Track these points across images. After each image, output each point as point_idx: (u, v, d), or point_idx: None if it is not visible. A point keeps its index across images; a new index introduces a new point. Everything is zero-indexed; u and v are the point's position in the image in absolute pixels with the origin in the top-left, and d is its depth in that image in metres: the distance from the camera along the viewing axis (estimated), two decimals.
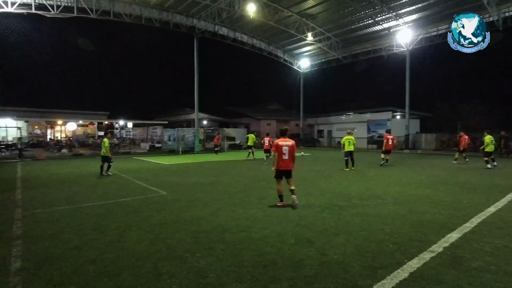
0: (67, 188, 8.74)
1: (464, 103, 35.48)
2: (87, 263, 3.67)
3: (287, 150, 6.28)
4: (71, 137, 29.60)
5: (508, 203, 6.56)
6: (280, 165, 6.30)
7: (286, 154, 6.28)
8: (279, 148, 6.28)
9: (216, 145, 23.36)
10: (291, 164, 6.38)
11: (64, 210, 6.23)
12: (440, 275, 3.26)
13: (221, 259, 3.75)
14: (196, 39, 26.92)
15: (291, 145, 6.35)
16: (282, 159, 6.29)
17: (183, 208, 6.30)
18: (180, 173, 12.04)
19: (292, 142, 6.44)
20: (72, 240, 4.43)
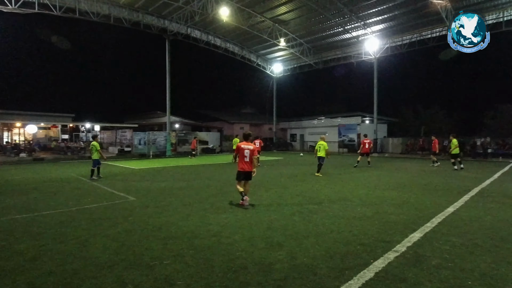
0: (25, 195, 8.17)
1: (426, 109, 37.67)
2: (45, 275, 3.43)
3: (248, 153, 6.66)
4: (31, 140, 27.79)
5: (464, 203, 6.99)
6: (241, 167, 6.69)
7: (247, 157, 6.67)
8: (241, 150, 6.69)
9: (193, 149, 23.29)
10: (251, 167, 6.70)
11: (21, 218, 5.81)
12: (403, 273, 3.39)
13: (190, 265, 3.66)
14: (167, 41, 26.44)
15: (251, 149, 6.72)
16: (243, 161, 6.68)
17: (152, 214, 6.10)
18: (150, 178, 11.68)
19: (254, 146, 6.81)
20: (28, 251, 4.13)
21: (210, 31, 28.93)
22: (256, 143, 16.40)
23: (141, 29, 24.76)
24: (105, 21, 22.81)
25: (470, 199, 7.51)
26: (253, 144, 6.88)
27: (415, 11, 22.58)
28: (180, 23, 25.34)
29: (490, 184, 9.90)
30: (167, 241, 4.51)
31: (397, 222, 5.44)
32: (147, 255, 3.97)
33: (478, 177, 11.69)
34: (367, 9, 23.31)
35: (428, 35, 25.00)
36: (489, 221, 5.50)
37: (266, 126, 41.45)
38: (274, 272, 3.47)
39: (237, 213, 6.08)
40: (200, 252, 4.08)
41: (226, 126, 38.70)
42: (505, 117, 31.31)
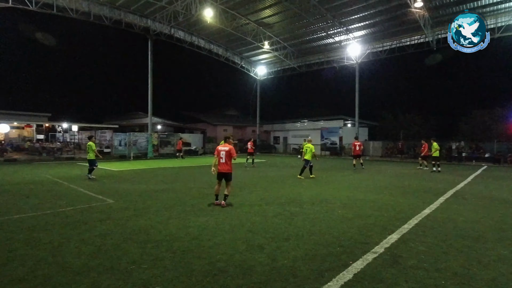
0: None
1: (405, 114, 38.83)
2: (14, 282, 3.27)
3: (224, 154, 6.97)
4: (2, 140, 26.56)
5: (440, 205, 7.24)
6: (218, 168, 7.03)
7: (223, 158, 6.97)
8: (218, 152, 7.05)
9: (179, 150, 23.50)
10: (227, 167, 6.99)
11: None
12: (381, 274, 3.46)
13: (169, 269, 3.59)
14: (150, 40, 26.00)
15: (227, 150, 7.02)
16: (220, 162, 7.01)
17: (131, 217, 5.95)
18: (130, 180, 11.41)
19: (229, 147, 7.09)
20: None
21: (194, 32, 28.71)
22: (248, 145, 17.75)
23: (122, 28, 24.22)
24: (85, 19, 22.16)
25: (445, 201, 7.78)
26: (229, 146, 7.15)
27: (395, 19, 23.30)
28: (163, 23, 24.98)
29: (464, 187, 10.30)
30: (145, 244, 4.40)
31: (376, 224, 5.55)
32: (125, 260, 3.86)
33: (453, 179, 12.14)
34: (349, 15, 23.84)
35: (407, 42, 25.84)
36: (462, 222, 5.71)
37: (250, 128, 41.51)
38: (255, 274, 3.46)
39: (218, 216, 6.03)
40: (179, 255, 4.01)
41: (209, 128, 38.45)
42: (478, 122, 32.71)
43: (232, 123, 42.49)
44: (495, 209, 6.85)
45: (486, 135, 29.43)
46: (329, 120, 34.46)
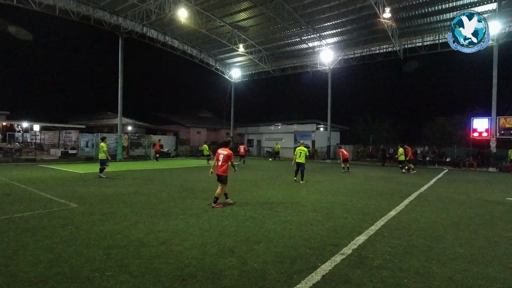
0: None
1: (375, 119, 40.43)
2: None
3: (222, 157, 7.26)
4: None
5: (405, 207, 7.57)
6: (217, 170, 7.32)
7: (220, 161, 7.27)
8: (217, 155, 7.35)
9: (157, 152, 23.38)
10: (223, 170, 7.26)
11: None
12: (348, 275, 3.54)
13: (135, 276, 3.45)
14: (121, 38, 25.17)
15: (225, 154, 7.30)
16: (218, 165, 7.30)
17: (96, 222, 5.67)
18: (96, 183, 10.90)
19: (228, 152, 7.35)
20: None
21: (167, 31, 28.17)
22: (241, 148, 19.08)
23: (91, 24, 23.23)
24: (49, 12, 21.00)
25: (410, 203, 8.16)
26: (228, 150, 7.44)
27: (365, 28, 24.27)
28: (135, 21, 24.30)
29: (427, 189, 10.87)
30: (110, 250, 4.21)
31: (344, 226, 5.70)
32: (87, 267, 3.66)
33: (418, 182, 12.78)
34: (322, 22, 24.50)
35: (376, 51, 26.98)
36: (424, 223, 6.01)
37: (224, 131, 41.26)
38: (224, 279, 3.41)
39: (188, 220, 5.91)
40: (147, 261, 3.87)
41: (182, 130, 37.77)
42: (440, 128, 34.74)
43: (206, 125, 42.04)
44: (454, 210, 7.28)
45: (447, 140, 31.32)
46: (302, 124, 35.09)
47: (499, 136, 21.73)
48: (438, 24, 23.00)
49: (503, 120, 21.77)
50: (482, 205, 8.07)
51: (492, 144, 21.94)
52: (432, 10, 21.15)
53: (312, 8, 22.44)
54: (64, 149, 25.58)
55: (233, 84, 36.43)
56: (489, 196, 9.52)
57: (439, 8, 20.79)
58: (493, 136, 21.79)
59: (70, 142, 27.39)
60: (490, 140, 22.03)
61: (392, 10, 20.22)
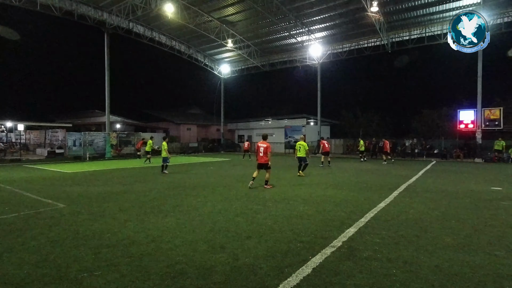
0: None
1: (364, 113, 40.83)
2: None
3: (262, 149, 9.18)
4: None
5: (394, 199, 7.69)
6: (258, 159, 9.32)
7: (261, 152, 9.18)
8: (257, 148, 9.32)
9: (139, 150, 22.68)
10: (265, 159, 9.17)
11: None
12: (338, 267, 3.58)
13: (124, 275, 3.41)
14: (106, 34, 24.66)
15: (265, 147, 9.21)
16: (259, 156, 9.25)
17: (84, 221, 5.58)
18: (84, 182, 10.72)
19: (267, 144, 9.27)
20: None
21: (154, 27, 27.71)
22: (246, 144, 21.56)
23: (75, 20, 22.66)
24: (30, 8, 20.38)
25: (399, 194, 8.29)
26: (267, 143, 9.32)
27: (353, 22, 24.37)
28: (121, 16, 23.79)
29: (415, 181, 11.06)
30: (99, 250, 4.15)
31: (335, 219, 5.75)
32: (75, 267, 3.59)
33: (406, 174, 12.98)
34: (310, 17, 24.49)
35: (364, 45, 27.15)
36: (412, 214, 6.11)
37: (214, 127, 41.07)
38: (215, 274, 3.40)
39: (179, 217, 5.86)
40: (136, 259, 3.83)
41: (172, 126, 37.44)
42: (428, 121, 35.34)
43: (196, 122, 41.75)
44: (441, 201, 7.42)
45: (435, 132, 31.90)
46: (293, 119, 35.19)
47: (484, 127, 22.24)
48: (424, 18, 23.26)
49: (488, 111, 22.27)
50: (468, 195, 8.25)
51: (477, 136, 22.45)
52: (418, 4, 21.36)
53: (300, 2, 22.39)
54: (50, 148, 25.08)
55: (223, 79, 36.19)
56: (475, 186, 9.75)
57: (425, 2, 21.00)
58: (479, 128, 22.29)
59: (57, 141, 26.85)
60: (476, 131, 22.53)
61: (379, 4, 20.35)
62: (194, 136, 39.54)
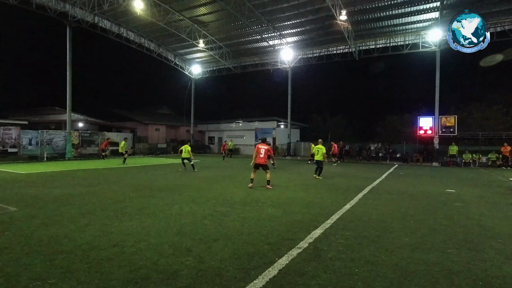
0: None
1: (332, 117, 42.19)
2: None
3: (263, 151, 9.65)
4: None
5: (359, 200, 7.98)
6: (258, 160, 9.68)
7: (262, 154, 9.64)
8: (258, 149, 9.73)
9: (104, 150, 21.57)
10: (264, 160, 9.70)
11: None
12: (303, 268, 3.63)
13: (82, 282, 3.21)
14: (69, 27, 23.34)
15: (266, 148, 9.74)
16: (259, 157, 9.66)
17: (39, 226, 5.20)
18: (41, 184, 10.03)
19: (268, 147, 9.83)
20: None
21: (122, 23, 26.69)
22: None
23: (33, 10, 21.21)
24: None
25: (363, 196, 8.62)
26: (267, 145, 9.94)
27: (323, 29, 25.12)
28: (85, 9, 22.65)
29: (379, 183, 11.57)
30: (55, 256, 3.88)
31: (302, 220, 5.84)
32: (26, 275, 3.33)
33: (371, 177, 13.56)
34: (282, 21, 24.88)
35: (334, 51, 28.06)
36: (375, 215, 6.38)
37: (184, 128, 40.33)
38: (180, 278, 3.31)
39: (144, 220, 5.66)
40: (96, 265, 3.63)
41: (140, 126, 36.21)
42: (391, 126, 37.26)
43: (165, 122, 40.74)
44: (401, 202, 7.83)
45: (397, 137, 33.69)
46: (263, 121, 35.45)
47: (441, 133, 23.86)
48: (389, 29, 24.53)
49: (444, 119, 23.96)
50: (426, 196, 8.78)
51: (435, 141, 24.04)
52: (383, 15, 22.50)
53: (272, 6, 22.68)
54: (2, 147, 23.17)
55: (194, 80, 35.66)
56: (432, 188, 10.40)
57: (390, 14, 22.17)
58: (436, 134, 23.87)
59: (10, 140, 24.88)
60: (434, 137, 24.11)
61: (348, 13, 21.15)
62: (163, 137, 38.54)
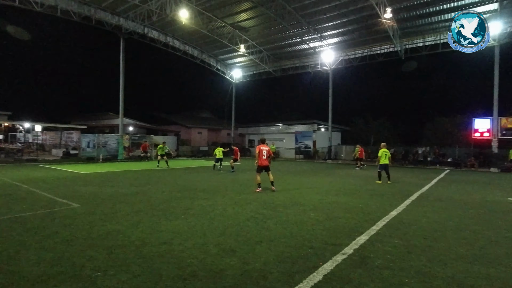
0: None
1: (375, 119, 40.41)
2: None
3: (266, 152, 9.44)
4: None
5: (406, 207, 7.57)
6: (261, 162, 9.38)
7: (265, 155, 9.41)
8: (261, 151, 9.44)
9: (145, 152, 22.94)
10: (268, 161, 9.49)
11: None
12: (349, 275, 3.54)
13: (136, 275, 3.46)
14: (122, 39, 25.23)
15: (268, 150, 9.55)
16: (262, 159, 9.39)
17: (98, 221, 5.69)
18: (98, 183, 10.93)
19: (269, 148, 9.64)
20: None
21: (168, 32, 28.21)
22: None
23: (92, 25, 23.30)
24: (51, 13, 21.06)
25: (411, 203, 8.15)
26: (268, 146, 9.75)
27: (366, 28, 24.25)
28: (137, 21, 24.36)
29: (428, 189, 10.85)
30: (112, 250, 4.22)
31: (346, 226, 5.70)
32: (89, 266, 3.67)
33: (419, 182, 12.76)
34: (323, 23, 24.50)
35: (377, 51, 26.95)
36: (425, 223, 6.00)
37: (225, 131, 41.30)
38: (225, 278, 3.42)
39: (190, 220, 5.92)
40: (148, 260, 3.88)
41: (183, 130, 37.82)
42: (440, 129, 34.70)
43: (207, 125, 42.08)
44: (455, 210, 7.27)
45: (448, 140, 31.27)
46: (303, 124, 35.06)
47: (500, 136, 21.67)
48: (439, 24, 22.96)
49: (504, 120, 21.71)
50: (483, 205, 8.05)
51: (493, 145, 21.88)
52: (433, 11, 21.13)
53: (313, 8, 22.43)
54: (65, 149, 25.67)
55: (234, 84, 36.44)
56: (490, 196, 9.51)
57: (440, 8, 20.75)
58: (495, 137, 21.74)
59: (72, 143, 27.46)
60: (491, 140, 21.98)
61: (393, 10, 20.21)
62: (204, 140, 39.84)
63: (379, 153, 12.54)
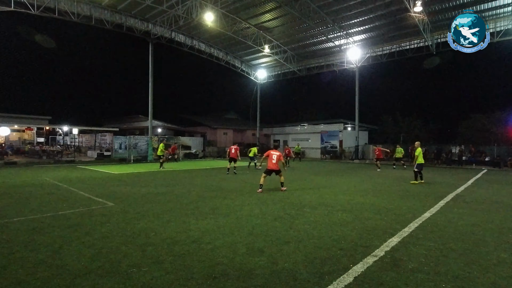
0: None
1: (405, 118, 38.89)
2: (14, 284, 3.26)
3: (275, 157, 9.55)
4: (3, 143, 26.57)
5: (440, 209, 7.23)
6: (270, 166, 9.56)
7: (274, 160, 9.53)
8: (270, 155, 9.66)
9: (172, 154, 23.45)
10: (277, 166, 9.55)
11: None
12: (381, 277, 3.45)
13: (169, 272, 3.59)
14: (151, 44, 26.13)
15: (278, 155, 9.63)
16: (271, 162, 9.53)
17: (131, 220, 5.95)
18: (130, 183, 11.41)
19: (279, 153, 9.71)
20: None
21: (194, 35, 28.84)
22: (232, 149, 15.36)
23: (123, 32, 24.34)
24: (86, 22, 22.30)
25: (445, 204, 7.78)
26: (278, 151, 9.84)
27: (395, 23, 23.42)
28: (164, 26, 25.12)
29: (464, 190, 10.30)
30: (146, 247, 4.40)
31: (376, 227, 5.55)
32: (125, 262, 3.85)
33: (453, 183, 12.14)
34: (349, 20, 23.96)
35: (406, 46, 25.94)
36: (462, 225, 5.71)
37: (250, 131, 41.52)
38: (255, 277, 3.45)
39: (218, 219, 6.03)
40: (179, 258, 4.00)
41: (209, 131, 38.47)
42: (477, 126, 32.73)
43: (232, 126, 42.52)
44: (495, 213, 6.85)
45: (486, 138, 29.45)
46: (329, 124, 34.46)
47: None
48: None
49: None
50: None
51: None
52: (467, 1, 20.01)
53: (338, 5, 22.01)
54: (99, 151, 26.99)
55: (259, 85, 36.56)
56: None
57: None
58: None
59: (105, 144, 28.83)
60: None
61: (423, 3, 19.36)
62: (230, 141, 40.28)
63: (416, 152, 11.88)
